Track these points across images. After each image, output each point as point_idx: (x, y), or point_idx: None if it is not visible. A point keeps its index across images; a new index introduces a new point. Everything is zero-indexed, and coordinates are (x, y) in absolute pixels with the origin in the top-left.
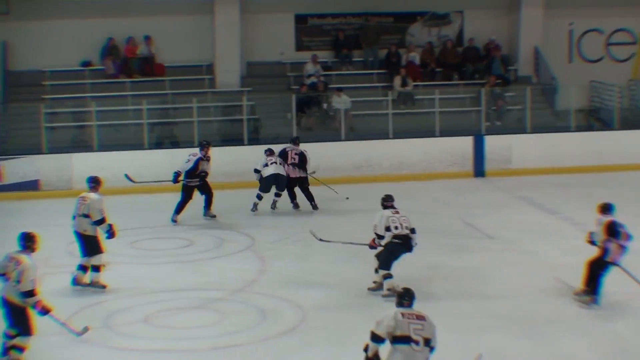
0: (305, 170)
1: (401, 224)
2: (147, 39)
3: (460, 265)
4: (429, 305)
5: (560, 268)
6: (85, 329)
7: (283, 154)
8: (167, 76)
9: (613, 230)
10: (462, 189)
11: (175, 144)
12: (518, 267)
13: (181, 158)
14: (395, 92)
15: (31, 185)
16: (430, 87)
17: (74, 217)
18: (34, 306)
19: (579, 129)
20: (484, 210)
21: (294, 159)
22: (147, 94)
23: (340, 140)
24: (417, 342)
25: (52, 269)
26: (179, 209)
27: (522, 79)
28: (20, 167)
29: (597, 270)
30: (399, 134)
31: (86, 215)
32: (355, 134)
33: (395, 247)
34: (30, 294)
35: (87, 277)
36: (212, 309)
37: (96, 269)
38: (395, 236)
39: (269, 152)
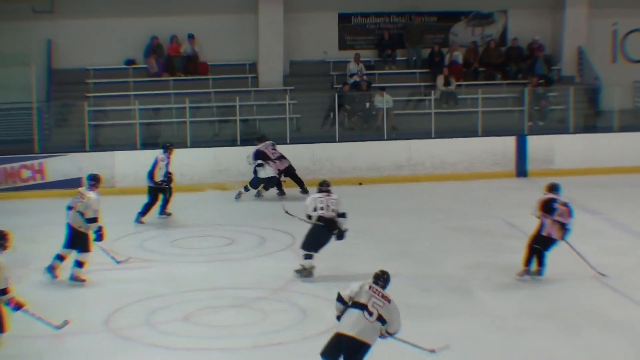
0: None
1: (327, 206)
2: (191, 37)
3: (502, 265)
4: (469, 304)
5: (601, 268)
6: (65, 323)
7: (262, 155)
8: (210, 75)
9: (547, 207)
10: (504, 189)
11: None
12: (559, 267)
13: (223, 156)
14: (437, 92)
15: (74, 183)
16: (473, 87)
17: (69, 209)
18: (7, 303)
19: (622, 129)
20: (526, 211)
21: (274, 153)
22: (191, 92)
23: (382, 139)
24: (370, 313)
25: (93, 266)
26: (146, 210)
27: (565, 79)
28: (63, 165)
29: (536, 244)
30: (441, 134)
31: (82, 213)
32: (397, 133)
33: (317, 229)
34: (3, 292)
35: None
36: (253, 308)
37: (80, 264)
38: (319, 218)
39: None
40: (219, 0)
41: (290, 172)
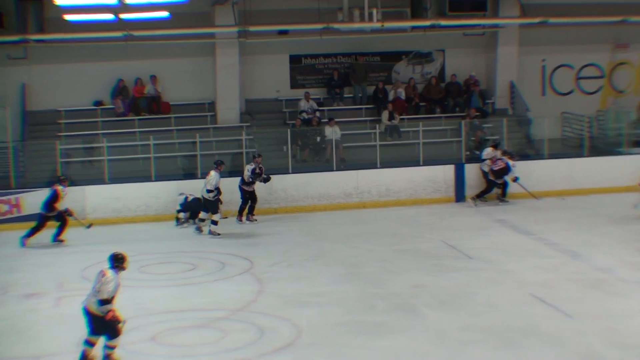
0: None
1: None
2: (153, 78)
3: (444, 283)
4: (415, 321)
5: (534, 285)
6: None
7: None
8: (172, 113)
9: None
10: (444, 214)
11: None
12: (496, 284)
13: (186, 189)
14: (382, 126)
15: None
16: (415, 120)
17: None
18: (105, 314)
19: (552, 156)
20: (465, 233)
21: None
22: (155, 130)
23: (332, 170)
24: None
25: (67, 292)
26: (33, 233)
27: (499, 111)
28: (38, 199)
29: None
30: (386, 164)
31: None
32: (345, 165)
33: None
34: (106, 302)
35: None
36: (215, 328)
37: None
38: None
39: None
40: (179, 45)
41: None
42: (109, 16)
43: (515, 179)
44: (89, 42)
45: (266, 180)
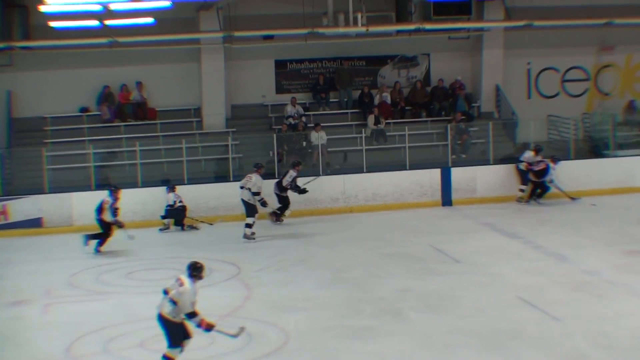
0: None
1: None
2: (139, 84)
3: (431, 287)
4: (401, 324)
5: (521, 288)
6: (241, 330)
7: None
8: (158, 119)
9: None
10: (431, 218)
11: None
12: (483, 288)
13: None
14: (368, 130)
15: (35, 223)
16: (401, 124)
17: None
18: (198, 325)
19: None
20: (452, 237)
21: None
22: (140, 136)
23: (318, 175)
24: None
25: (54, 299)
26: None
27: (485, 114)
28: (25, 206)
29: None
30: (372, 168)
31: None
32: (332, 169)
33: None
34: (192, 315)
35: None
36: (202, 333)
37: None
38: None
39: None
40: (164, 51)
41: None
42: (94, 23)
43: (551, 181)
44: (75, 49)
45: (303, 191)
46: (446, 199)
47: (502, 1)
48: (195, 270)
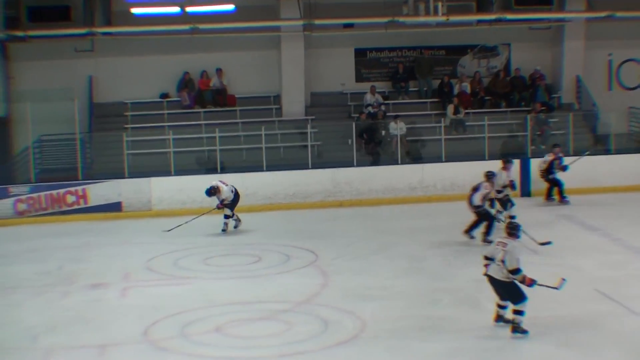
0: None
1: None
2: (219, 71)
3: None
4: (477, 315)
5: (600, 281)
6: (563, 280)
7: None
8: (237, 106)
9: None
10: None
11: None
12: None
13: (250, 181)
14: (447, 119)
15: (114, 207)
16: (480, 114)
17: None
18: (522, 281)
19: (618, 151)
20: (529, 228)
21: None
22: (220, 122)
23: (396, 164)
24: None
25: (132, 283)
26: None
27: (565, 105)
28: (104, 191)
29: None
30: (451, 158)
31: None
32: (410, 158)
33: None
34: (516, 271)
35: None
36: (279, 320)
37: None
38: None
39: None
40: (245, 38)
41: None
42: (175, 9)
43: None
44: (155, 35)
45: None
46: (525, 190)
47: None
48: (512, 229)
